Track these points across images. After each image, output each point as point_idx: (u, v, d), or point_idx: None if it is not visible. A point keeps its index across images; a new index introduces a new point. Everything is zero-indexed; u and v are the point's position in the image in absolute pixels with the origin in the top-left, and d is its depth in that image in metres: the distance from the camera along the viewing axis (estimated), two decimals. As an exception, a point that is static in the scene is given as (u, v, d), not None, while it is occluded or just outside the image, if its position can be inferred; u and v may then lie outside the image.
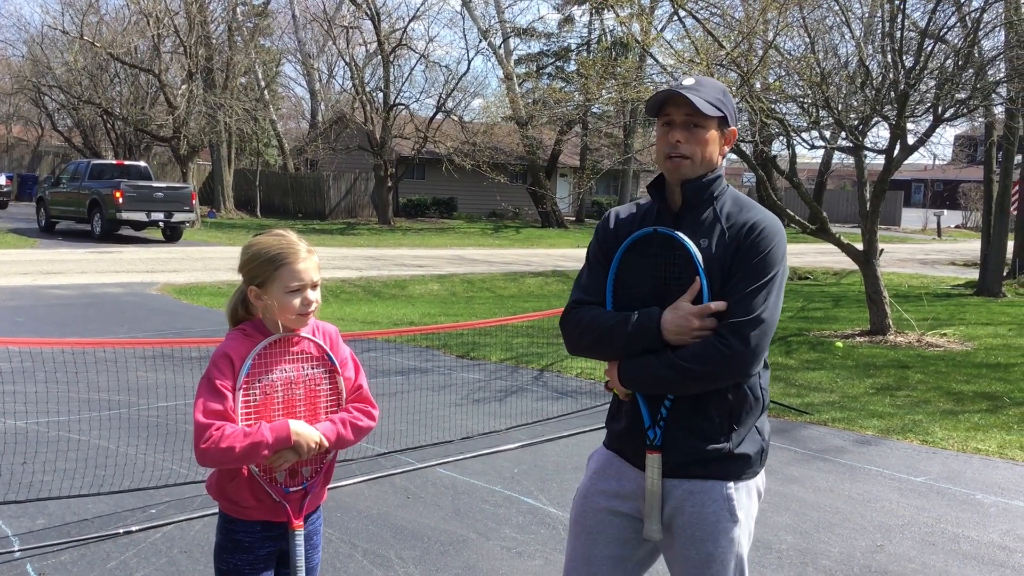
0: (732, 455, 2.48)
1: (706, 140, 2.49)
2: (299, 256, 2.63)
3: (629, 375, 2.47)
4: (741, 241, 2.44)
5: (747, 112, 11.00)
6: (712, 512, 2.46)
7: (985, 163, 17.49)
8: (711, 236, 2.46)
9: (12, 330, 10.40)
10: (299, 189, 38.95)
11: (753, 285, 2.39)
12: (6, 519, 4.77)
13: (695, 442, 2.46)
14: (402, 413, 7.21)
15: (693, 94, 2.45)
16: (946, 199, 60.06)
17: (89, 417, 6.79)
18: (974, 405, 8.03)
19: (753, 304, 2.38)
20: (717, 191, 2.53)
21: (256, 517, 2.64)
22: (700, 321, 2.38)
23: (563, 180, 41.96)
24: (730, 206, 2.51)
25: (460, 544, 4.66)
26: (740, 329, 2.36)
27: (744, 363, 2.37)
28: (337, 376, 2.72)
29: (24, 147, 45.70)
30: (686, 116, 2.47)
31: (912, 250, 30.57)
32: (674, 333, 2.39)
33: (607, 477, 2.61)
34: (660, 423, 2.47)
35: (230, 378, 2.55)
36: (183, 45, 31.35)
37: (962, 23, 10.74)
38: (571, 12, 39.85)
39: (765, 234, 2.44)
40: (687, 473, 2.48)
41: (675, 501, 2.49)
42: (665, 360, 2.40)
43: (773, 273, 2.42)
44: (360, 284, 17.02)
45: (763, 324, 2.37)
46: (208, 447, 2.46)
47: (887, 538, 4.90)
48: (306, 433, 2.58)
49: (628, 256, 2.55)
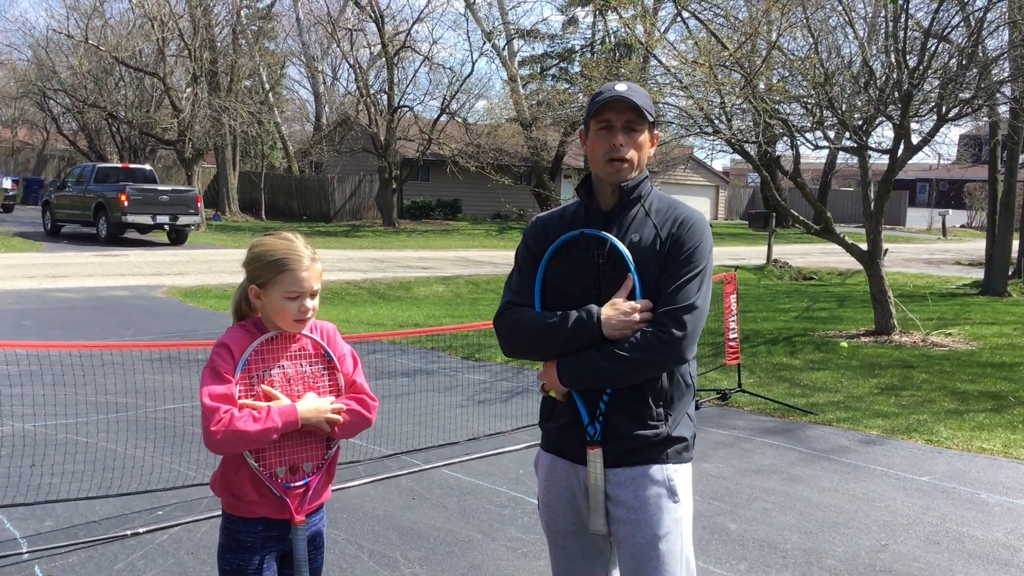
0: (670, 438, 2.57)
1: (642, 143, 2.60)
2: (302, 264, 2.64)
3: (570, 372, 2.54)
4: (673, 234, 2.56)
5: (751, 113, 11.01)
6: (654, 493, 2.54)
7: (990, 162, 17.45)
8: (642, 231, 2.58)
9: (19, 333, 10.44)
10: (304, 191, 39.00)
11: (686, 276, 2.52)
12: (14, 521, 4.79)
13: (634, 430, 2.54)
14: (407, 414, 7.23)
15: (632, 98, 2.54)
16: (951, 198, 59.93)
17: (96, 419, 6.82)
18: (979, 404, 8.03)
19: (687, 292, 2.50)
20: (645, 191, 2.65)
21: (258, 513, 2.65)
22: (640, 315, 2.49)
23: (567, 181, 41.95)
24: (658, 203, 2.64)
25: (466, 544, 4.68)
26: (677, 315, 2.48)
27: (682, 348, 2.48)
28: (336, 372, 2.74)
29: (29, 151, 45.80)
30: (626, 120, 2.57)
31: (917, 250, 30.54)
32: (616, 328, 2.48)
33: (556, 480, 2.68)
34: (599, 418, 2.55)
35: (232, 364, 2.59)
36: (188, 48, 31.44)
37: (966, 22, 10.73)
38: (575, 14, 39.82)
39: (695, 229, 2.57)
40: (627, 461, 2.56)
41: (617, 489, 2.56)
42: (607, 353, 2.48)
43: (703, 264, 2.55)
44: (365, 286, 17.05)
45: (697, 310, 2.50)
46: (218, 429, 2.50)
47: (892, 537, 4.90)
48: (314, 407, 2.62)
49: (556, 258, 2.64)
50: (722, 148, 16.15)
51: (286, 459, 2.66)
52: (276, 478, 2.65)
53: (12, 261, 18.72)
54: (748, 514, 5.20)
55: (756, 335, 11.65)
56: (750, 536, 4.86)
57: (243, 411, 2.54)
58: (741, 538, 4.83)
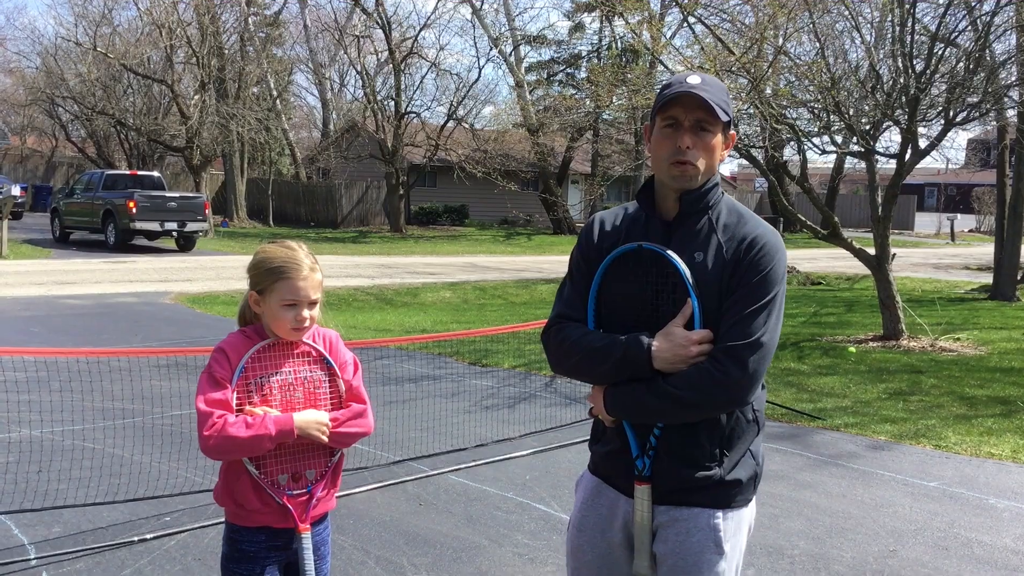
0: (723, 482, 2.32)
1: (713, 146, 2.31)
2: (300, 272, 2.63)
3: (617, 404, 2.31)
4: (740, 257, 2.27)
5: (758, 118, 11.00)
6: (697, 542, 2.31)
7: (998, 167, 17.40)
8: (707, 249, 2.29)
9: (27, 340, 10.47)
10: (311, 198, 39.09)
11: (753, 306, 2.23)
12: (22, 527, 4.80)
13: (684, 469, 2.30)
14: (414, 420, 7.23)
15: (704, 94, 2.25)
16: (959, 203, 59.79)
17: (104, 426, 6.83)
18: (987, 410, 8.00)
19: (752, 327, 2.21)
20: (713, 200, 2.35)
21: (261, 522, 2.65)
22: (697, 348, 2.22)
23: (574, 187, 41.98)
24: (727, 216, 2.34)
25: (473, 551, 4.67)
26: (738, 354, 2.19)
27: (741, 390, 2.21)
28: (337, 379, 2.73)
29: (38, 158, 45.97)
30: (696, 119, 2.28)
31: (925, 254, 30.46)
32: (668, 362, 2.22)
33: (597, 506, 2.46)
34: (649, 452, 2.31)
35: (228, 370, 2.59)
36: (196, 56, 31.52)
37: (973, 26, 10.71)
38: (581, 19, 39.89)
39: (766, 251, 2.27)
40: (673, 500, 2.33)
41: (660, 529, 2.35)
42: (656, 389, 2.22)
43: (774, 293, 2.26)
44: (372, 292, 17.07)
45: (762, 348, 2.21)
46: (211, 434, 2.50)
47: (900, 543, 4.89)
48: (311, 420, 2.61)
49: (611, 271, 2.37)
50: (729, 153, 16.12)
51: (288, 467, 2.66)
52: (278, 486, 2.64)
53: (21, 268, 18.80)
54: (755, 520, 5.18)
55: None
56: (757, 542, 4.84)
57: (237, 417, 2.53)
58: (749, 544, 4.79)
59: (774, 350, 2.27)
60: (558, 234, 36.19)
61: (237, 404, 2.58)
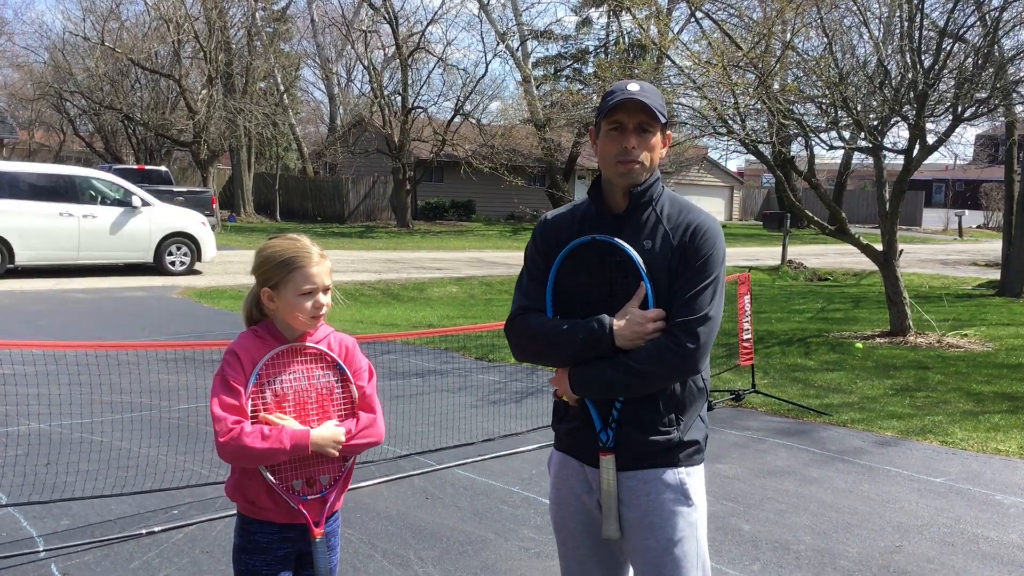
0: (681, 443, 2.55)
1: (654, 145, 2.55)
2: (312, 260, 2.65)
3: (582, 382, 2.52)
4: (686, 243, 2.51)
5: (765, 113, 10.98)
6: (668, 498, 2.53)
7: (1006, 162, 17.34)
8: (655, 237, 2.53)
9: (35, 333, 10.52)
10: (318, 193, 39.12)
11: (699, 286, 2.48)
12: (31, 520, 4.83)
13: (646, 436, 2.52)
14: (420, 415, 7.25)
15: (645, 99, 2.49)
16: (967, 199, 59.59)
17: (112, 419, 6.86)
18: (994, 406, 7.99)
19: (700, 303, 2.46)
20: (656, 193, 2.60)
21: (274, 519, 2.67)
22: (652, 325, 2.46)
23: (581, 182, 41.93)
24: (670, 207, 2.58)
25: (479, 544, 4.69)
26: (690, 327, 2.44)
27: (695, 359, 2.46)
28: (350, 385, 2.73)
29: (46, 152, 46.11)
30: (639, 122, 2.52)
31: (933, 250, 30.38)
32: (628, 339, 2.45)
33: (567, 478, 2.67)
34: (612, 425, 2.53)
35: (241, 373, 2.60)
36: (203, 50, 31.60)
37: (981, 22, 10.67)
38: (588, 14, 39.83)
39: (707, 236, 2.53)
40: (639, 465, 2.54)
41: (630, 494, 2.55)
42: (619, 365, 2.45)
43: (716, 273, 2.52)
44: (379, 287, 17.09)
45: (710, 321, 2.47)
46: (227, 441, 2.51)
47: (906, 539, 4.89)
48: (328, 436, 2.61)
49: (566, 263, 2.59)
50: (736, 149, 16.12)
51: (303, 473, 2.67)
52: (293, 491, 2.65)
53: (29, 262, 18.82)
54: (762, 515, 5.19)
55: (770, 336, 11.62)
56: (764, 537, 4.85)
57: (254, 427, 2.54)
58: (755, 539, 4.82)
59: (719, 323, 2.52)
60: (565, 229, 36.07)
61: (252, 408, 2.58)
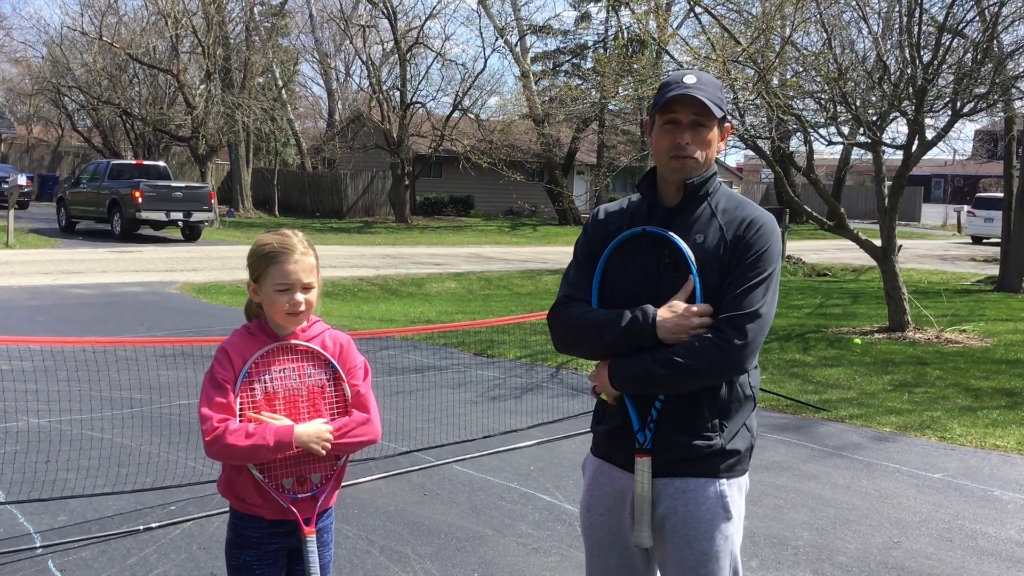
0: (724, 451, 2.45)
1: (710, 140, 2.48)
2: (291, 256, 2.61)
3: (622, 374, 2.43)
4: (740, 236, 2.43)
5: (764, 108, 10.96)
6: (707, 510, 2.43)
7: (1005, 158, 17.33)
8: (707, 231, 2.46)
9: (33, 329, 10.50)
10: (317, 188, 39.10)
11: (752, 281, 2.39)
12: (28, 516, 4.83)
13: (687, 440, 2.42)
14: (419, 411, 7.25)
15: (700, 94, 2.42)
16: (966, 194, 59.57)
17: (110, 415, 6.86)
18: (993, 401, 7.99)
19: (751, 299, 2.38)
20: (712, 188, 2.53)
21: (264, 515, 2.66)
22: (698, 320, 2.37)
23: (580, 178, 41.92)
24: (725, 203, 2.51)
25: (477, 540, 4.68)
26: (738, 323, 2.35)
27: (742, 357, 2.36)
28: (343, 383, 2.71)
29: (44, 147, 46.01)
30: (693, 116, 2.44)
31: (932, 246, 30.39)
32: (671, 332, 2.36)
33: (602, 485, 2.58)
34: (650, 425, 2.44)
35: (231, 371, 2.58)
36: (201, 45, 31.54)
37: (981, 17, 10.66)
38: (587, 9, 39.73)
39: (763, 231, 2.45)
40: (677, 471, 2.44)
41: (666, 501, 2.45)
42: (660, 358, 2.36)
43: (771, 269, 2.42)
44: (377, 282, 17.08)
45: (760, 319, 2.38)
46: (212, 440, 2.51)
47: (904, 534, 4.89)
48: (312, 433, 2.58)
49: (616, 255, 2.53)
50: (735, 144, 16.11)
51: (292, 471, 2.65)
52: (283, 489, 2.64)
53: (27, 257, 18.84)
54: (760, 511, 5.19)
55: (769, 331, 11.59)
56: (761, 533, 4.85)
57: (239, 425, 2.53)
58: (752, 535, 4.81)
59: (771, 322, 2.43)
60: (563, 225, 36.16)
61: (240, 405, 2.57)
